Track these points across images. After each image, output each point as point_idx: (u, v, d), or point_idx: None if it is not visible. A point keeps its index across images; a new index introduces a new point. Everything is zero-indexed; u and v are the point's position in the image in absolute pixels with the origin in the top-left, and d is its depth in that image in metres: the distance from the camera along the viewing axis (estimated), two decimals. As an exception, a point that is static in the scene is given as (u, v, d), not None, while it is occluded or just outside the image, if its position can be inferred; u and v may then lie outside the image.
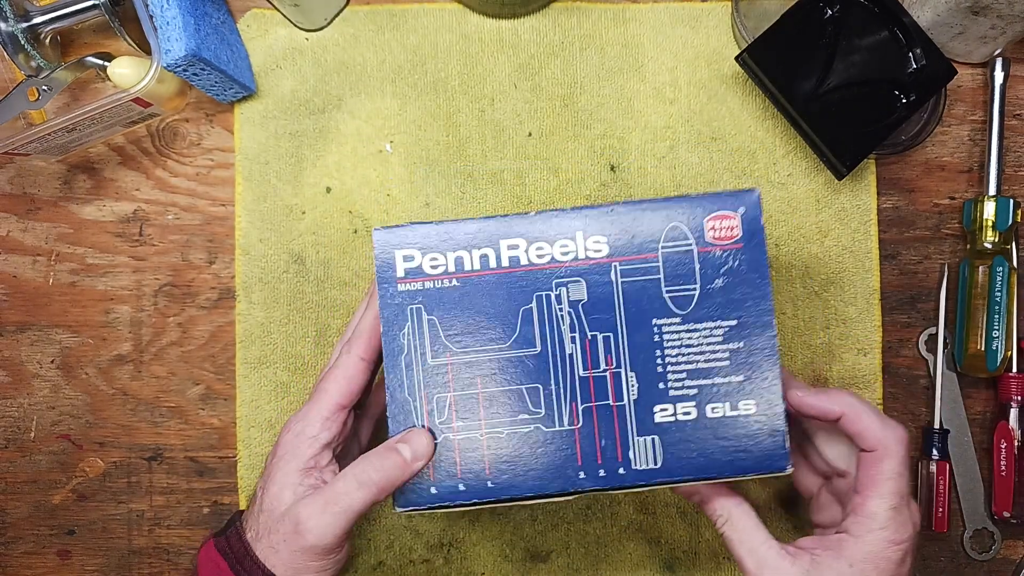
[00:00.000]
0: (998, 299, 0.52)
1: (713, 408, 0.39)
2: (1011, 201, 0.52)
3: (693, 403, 0.39)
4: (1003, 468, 0.53)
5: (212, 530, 0.54)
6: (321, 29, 0.56)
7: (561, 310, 0.40)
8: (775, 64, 0.51)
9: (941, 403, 0.54)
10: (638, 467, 0.39)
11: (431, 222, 0.40)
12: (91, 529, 0.55)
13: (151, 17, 0.47)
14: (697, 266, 0.40)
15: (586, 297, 0.40)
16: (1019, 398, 0.53)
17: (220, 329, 0.55)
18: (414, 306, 0.40)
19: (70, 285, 0.56)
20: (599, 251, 0.40)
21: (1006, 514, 0.53)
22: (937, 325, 0.55)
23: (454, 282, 0.40)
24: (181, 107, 0.56)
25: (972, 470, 0.54)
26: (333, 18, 0.56)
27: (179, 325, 0.55)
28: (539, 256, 0.40)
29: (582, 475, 0.39)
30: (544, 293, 0.40)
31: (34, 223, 0.56)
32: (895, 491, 0.39)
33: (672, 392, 0.39)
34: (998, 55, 0.54)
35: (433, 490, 0.39)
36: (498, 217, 0.40)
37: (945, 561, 0.55)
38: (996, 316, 0.52)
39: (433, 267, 0.40)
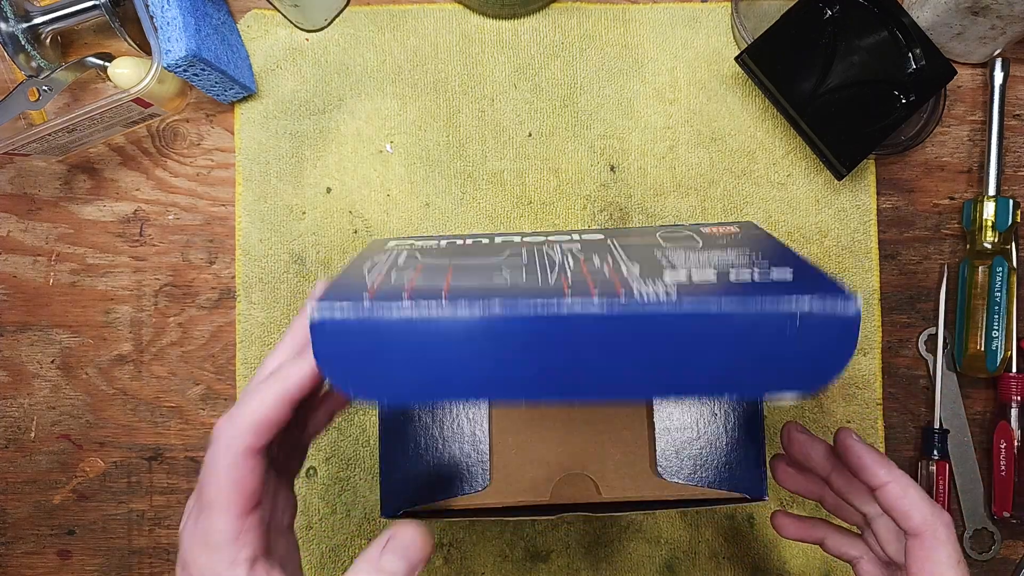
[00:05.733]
0: (998, 299, 0.52)
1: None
2: (1011, 201, 0.52)
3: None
4: (1003, 468, 0.53)
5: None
6: (321, 30, 0.56)
7: (554, 252, 0.35)
8: (775, 64, 0.51)
9: (941, 403, 0.54)
10: (646, 299, 0.26)
11: (424, 237, 0.39)
12: (91, 529, 0.56)
13: (151, 17, 0.47)
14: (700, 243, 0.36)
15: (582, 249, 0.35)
16: (1019, 398, 0.53)
17: (220, 329, 0.55)
18: (396, 250, 0.36)
19: (70, 285, 0.56)
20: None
21: (1006, 514, 0.53)
22: (937, 325, 0.55)
23: (442, 244, 0.37)
24: (181, 107, 0.56)
25: (972, 470, 0.55)
26: (333, 19, 0.56)
27: (179, 325, 0.55)
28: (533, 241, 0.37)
29: (569, 301, 0.27)
30: (537, 248, 0.35)
31: (34, 223, 0.56)
32: None
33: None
34: (998, 55, 0.54)
35: (366, 304, 0.27)
36: (489, 235, 0.40)
37: (945, 561, 0.55)
38: (996, 316, 0.52)
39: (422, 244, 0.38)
